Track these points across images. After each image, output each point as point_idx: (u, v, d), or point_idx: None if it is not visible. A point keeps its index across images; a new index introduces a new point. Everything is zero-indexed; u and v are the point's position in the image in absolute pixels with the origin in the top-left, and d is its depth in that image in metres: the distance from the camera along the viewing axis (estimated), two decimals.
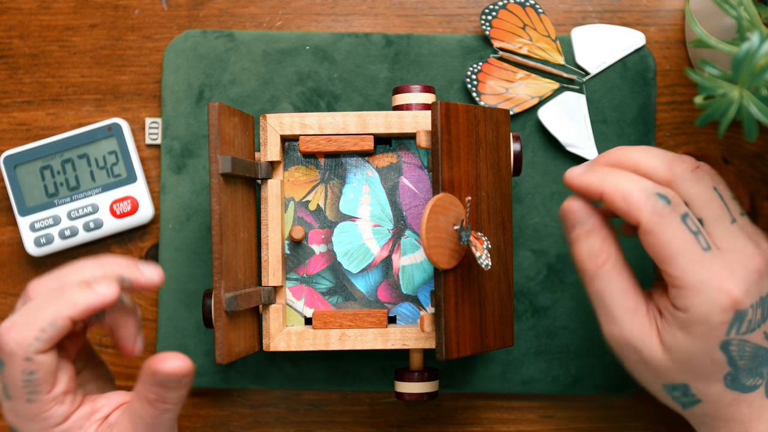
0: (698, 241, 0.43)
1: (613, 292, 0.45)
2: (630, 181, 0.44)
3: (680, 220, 0.43)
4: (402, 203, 0.53)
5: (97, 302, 0.42)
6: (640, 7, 0.58)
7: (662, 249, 0.43)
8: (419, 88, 0.52)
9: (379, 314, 0.51)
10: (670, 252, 0.43)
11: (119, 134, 0.57)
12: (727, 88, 0.40)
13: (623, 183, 0.44)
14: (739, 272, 0.43)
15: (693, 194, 0.44)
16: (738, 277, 0.42)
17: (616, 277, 0.45)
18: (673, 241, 0.43)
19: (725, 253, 0.43)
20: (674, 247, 0.43)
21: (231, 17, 0.59)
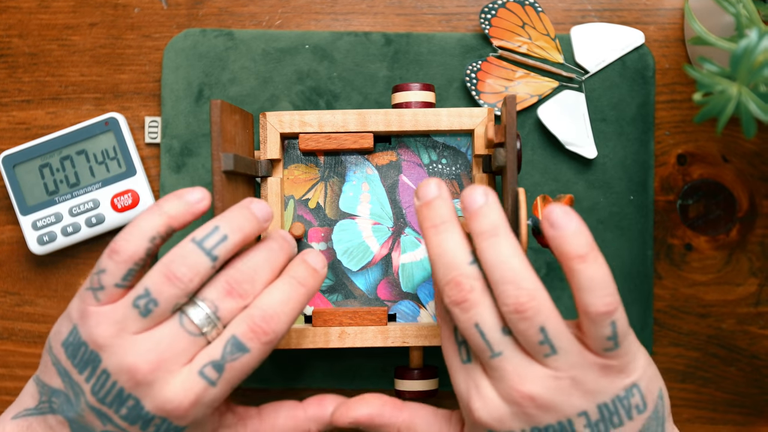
0: (460, 352, 0.44)
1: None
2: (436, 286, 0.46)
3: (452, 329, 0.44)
4: (401, 201, 0.53)
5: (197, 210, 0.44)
6: (639, 6, 0.58)
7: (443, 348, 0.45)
8: (419, 86, 0.52)
9: (378, 312, 0.51)
10: (445, 353, 0.45)
11: (116, 129, 0.57)
12: (725, 85, 0.40)
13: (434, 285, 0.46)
14: (493, 396, 0.42)
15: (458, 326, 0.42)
16: (489, 399, 0.42)
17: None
18: (446, 343, 0.45)
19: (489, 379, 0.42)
20: (446, 350, 0.45)
21: (230, 16, 0.59)
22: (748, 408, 0.58)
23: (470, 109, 0.51)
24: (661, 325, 0.57)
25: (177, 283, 0.42)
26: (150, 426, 0.42)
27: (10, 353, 0.58)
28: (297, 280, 0.44)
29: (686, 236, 0.58)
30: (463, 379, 0.44)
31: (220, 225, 0.43)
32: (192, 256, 0.42)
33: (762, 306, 0.58)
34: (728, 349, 0.58)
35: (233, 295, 0.43)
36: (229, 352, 0.42)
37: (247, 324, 0.42)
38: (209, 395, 0.42)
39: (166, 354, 0.41)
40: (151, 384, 0.41)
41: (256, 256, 0.44)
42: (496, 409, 0.42)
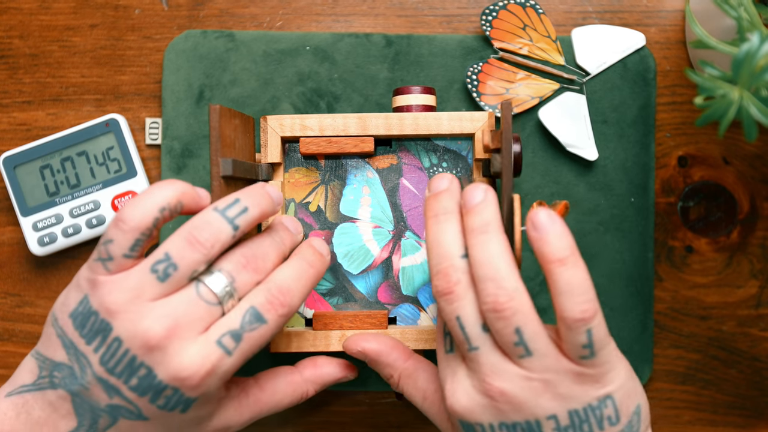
0: (444, 342, 0.45)
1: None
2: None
3: (432, 320, 0.46)
4: (402, 204, 0.53)
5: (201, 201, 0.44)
6: (640, 8, 0.58)
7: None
8: (419, 89, 0.52)
9: (379, 315, 0.51)
10: (436, 341, 0.46)
11: (117, 130, 0.57)
12: (727, 89, 0.40)
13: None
14: (467, 387, 0.43)
15: (442, 316, 0.44)
16: (462, 389, 0.43)
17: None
18: (437, 333, 0.46)
19: (467, 369, 0.43)
20: (437, 341, 0.46)
21: (231, 17, 0.59)
22: (749, 410, 0.58)
23: (471, 113, 0.51)
24: (661, 328, 0.57)
25: (199, 247, 0.42)
26: (160, 397, 0.42)
27: (10, 354, 0.58)
28: (306, 262, 0.46)
29: (687, 238, 0.58)
30: (444, 367, 0.45)
31: (241, 198, 0.43)
32: (215, 223, 0.42)
33: (763, 308, 0.58)
34: (729, 352, 0.58)
35: (248, 268, 0.43)
36: (248, 322, 0.42)
37: (264, 296, 0.43)
38: (224, 365, 0.42)
39: (182, 320, 0.41)
40: (165, 350, 0.41)
41: (265, 240, 0.45)
42: (467, 400, 0.43)
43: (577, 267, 0.41)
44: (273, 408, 0.48)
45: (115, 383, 0.42)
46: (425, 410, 0.48)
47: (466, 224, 0.43)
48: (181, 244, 0.42)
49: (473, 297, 0.42)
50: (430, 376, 0.48)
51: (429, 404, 0.48)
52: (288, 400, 0.49)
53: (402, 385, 0.49)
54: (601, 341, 0.41)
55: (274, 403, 0.48)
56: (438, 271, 0.43)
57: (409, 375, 0.49)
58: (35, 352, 0.45)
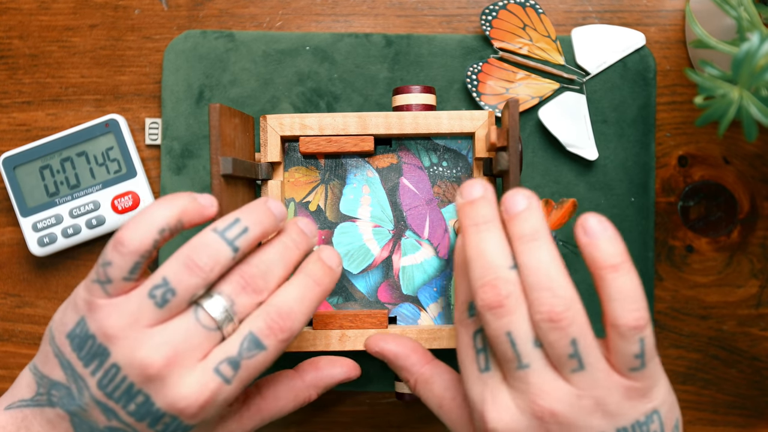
0: (477, 359, 0.42)
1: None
2: (465, 281, 0.44)
3: (472, 335, 0.43)
4: (402, 204, 0.53)
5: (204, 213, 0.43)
6: (640, 7, 0.58)
7: (459, 352, 0.44)
8: (419, 88, 0.52)
9: (379, 315, 0.51)
10: (460, 358, 0.44)
11: (117, 130, 0.57)
12: (726, 89, 0.40)
13: (459, 282, 0.44)
14: (512, 409, 0.41)
15: (487, 330, 0.41)
16: (505, 410, 0.41)
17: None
18: (464, 349, 0.43)
19: (510, 390, 0.41)
20: (463, 355, 0.43)
21: (231, 17, 0.59)
22: (749, 410, 0.58)
23: (471, 112, 0.51)
24: (662, 327, 0.57)
25: (198, 272, 0.40)
26: (159, 424, 0.41)
27: (10, 354, 0.58)
28: (312, 279, 0.44)
29: (687, 238, 0.58)
30: (479, 388, 0.42)
31: (241, 217, 0.42)
32: (214, 245, 0.41)
33: (763, 308, 0.58)
34: (729, 351, 0.57)
35: (248, 290, 0.42)
36: (246, 349, 0.41)
37: (263, 320, 0.41)
38: (223, 393, 0.41)
39: (180, 348, 0.40)
40: (164, 380, 0.40)
41: (270, 253, 0.43)
42: (513, 422, 0.41)
43: (630, 274, 0.40)
44: (275, 415, 0.47)
45: (113, 407, 0.41)
46: (442, 418, 0.47)
47: (513, 232, 0.41)
48: (179, 268, 0.41)
49: (525, 311, 0.40)
50: (448, 384, 0.47)
51: (446, 412, 0.46)
52: (291, 406, 0.48)
53: (419, 390, 0.48)
54: (651, 352, 0.40)
55: (276, 410, 0.47)
56: (484, 284, 0.40)
57: (426, 380, 0.47)
58: (33, 366, 0.44)
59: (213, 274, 0.41)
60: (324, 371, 0.49)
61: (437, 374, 0.47)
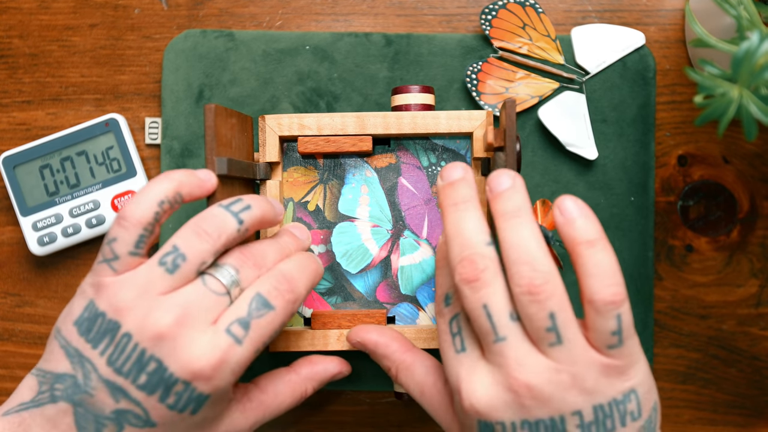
0: (453, 342, 0.43)
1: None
2: (443, 275, 0.45)
3: (448, 321, 0.44)
4: (401, 204, 0.53)
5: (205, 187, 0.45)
6: (639, 7, 0.58)
7: (438, 341, 0.45)
8: (418, 88, 0.52)
9: (377, 314, 0.51)
10: (440, 346, 0.45)
11: (117, 129, 0.57)
12: (726, 88, 0.40)
13: (439, 276, 0.45)
14: (488, 384, 0.41)
15: (466, 305, 0.42)
16: (480, 384, 0.41)
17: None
18: (441, 336, 0.44)
19: (488, 365, 0.42)
20: (441, 342, 0.44)
21: (231, 17, 0.59)
22: (749, 409, 0.57)
23: (469, 112, 0.51)
24: (661, 327, 0.57)
25: (206, 237, 0.42)
26: (170, 394, 0.41)
27: (10, 354, 0.58)
28: (306, 257, 0.46)
29: (687, 237, 0.57)
30: (456, 367, 0.43)
31: (243, 197, 0.44)
32: (221, 216, 0.43)
33: (762, 307, 0.57)
34: (729, 351, 0.57)
35: (248, 263, 0.43)
36: (255, 309, 0.42)
37: (270, 282, 0.43)
38: (235, 354, 0.41)
39: (191, 310, 0.41)
40: (176, 341, 0.41)
41: (265, 243, 0.45)
42: (489, 396, 0.41)
43: (605, 250, 0.40)
44: (276, 410, 0.48)
45: (122, 384, 0.41)
46: (423, 404, 0.47)
47: (496, 209, 0.42)
48: (189, 235, 0.42)
49: (502, 285, 0.41)
50: (428, 370, 0.47)
51: (427, 399, 0.47)
52: (289, 400, 0.49)
53: (400, 378, 0.48)
54: (629, 329, 0.41)
55: (276, 404, 0.48)
56: (462, 258, 0.41)
57: (407, 368, 0.48)
58: (36, 369, 0.44)
59: (221, 241, 0.42)
60: (319, 365, 0.50)
61: (418, 361, 0.48)
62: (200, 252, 0.42)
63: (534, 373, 0.40)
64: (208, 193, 0.45)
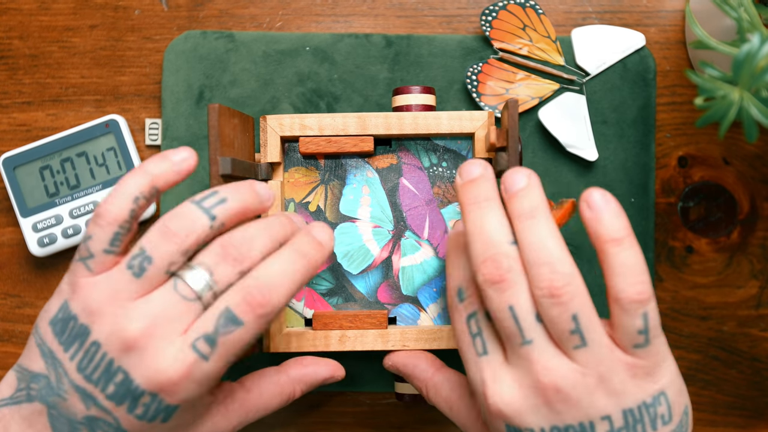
0: (474, 344, 0.42)
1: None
2: (455, 267, 0.44)
3: (465, 320, 0.43)
4: (402, 204, 0.53)
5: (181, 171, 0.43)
6: (640, 8, 0.58)
7: (456, 339, 0.44)
8: (419, 89, 0.52)
9: (379, 315, 0.51)
10: (458, 345, 0.44)
11: (117, 131, 0.57)
12: (727, 90, 0.40)
13: (451, 268, 0.44)
14: (515, 387, 0.40)
15: (490, 306, 0.41)
16: (506, 388, 0.40)
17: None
18: (460, 335, 0.43)
19: (511, 369, 0.41)
20: (460, 342, 0.43)
21: (231, 18, 0.59)
22: (749, 410, 0.58)
23: (470, 113, 0.51)
24: (662, 328, 0.57)
25: (173, 238, 0.40)
26: (138, 405, 0.40)
27: (10, 355, 0.58)
28: (299, 252, 0.42)
29: (687, 238, 0.57)
30: (479, 372, 0.42)
31: (219, 190, 0.42)
32: (190, 214, 0.41)
33: (763, 308, 0.57)
34: (729, 352, 0.57)
35: (227, 259, 0.41)
36: (221, 325, 0.39)
37: (241, 295, 0.40)
38: (202, 370, 0.40)
39: (159, 319, 0.39)
40: (143, 351, 0.39)
41: (252, 226, 0.42)
42: (515, 401, 0.40)
43: (633, 248, 0.40)
44: (261, 410, 0.47)
45: (91, 391, 0.40)
46: (453, 418, 0.46)
47: (512, 210, 0.41)
48: (155, 236, 0.40)
49: (526, 286, 0.40)
50: (453, 386, 0.47)
51: (455, 413, 0.46)
52: (276, 401, 0.47)
53: (430, 396, 0.48)
54: (656, 328, 0.40)
55: (261, 404, 0.47)
56: (486, 259, 0.40)
57: (435, 386, 0.48)
58: (17, 364, 0.43)
59: (188, 240, 0.40)
60: (309, 368, 0.49)
61: (445, 379, 0.48)
62: (166, 253, 0.40)
63: (561, 377, 0.39)
64: (187, 174, 0.42)
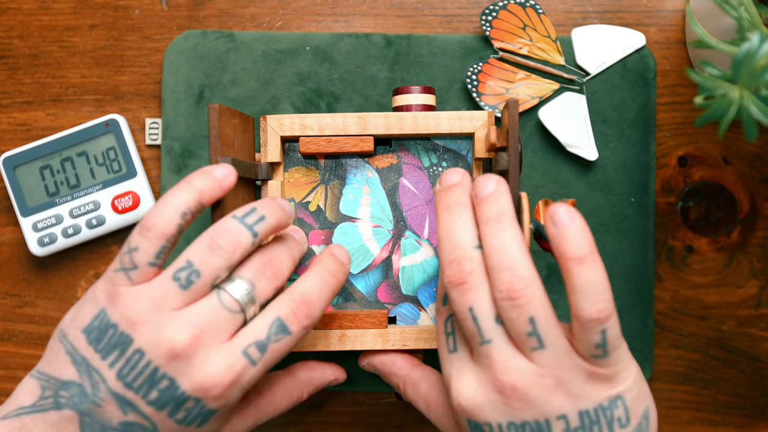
0: (447, 342, 0.44)
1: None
2: (440, 280, 0.45)
3: (444, 321, 0.45)
4: (402, 204, 0.53)
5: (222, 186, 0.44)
6: (640, 8, 0.58)
7: (437, 340, 0.46)
8: (419, 88, 0.52)
9: (379, 315, 0.51)
10: (437, 344, 0.46)
11: (117, 130, 0.57)
12: (727, 89, 0.40)
13: (441, 274, 0.45)
14: (475, 384, 0.42)
15: (453, 306, 0.42)
16: (468, 385, 0.42)
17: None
18: (438, 335, 0.45)
19: (476, 366, 0.42)
20: (438, 341, 0.45)
21: (231, 17, 0.59)
22: (749, 410, 0.58)
23: (470, 113, 0.51)
24: (661, 327, 0.57)
25: (221, 253, 0.42)
26: (180, 410, 0.41)
27: (10, 354, 0.58)
28: (328, 271, 0.46)
29: (687, 238, 0.57)
30: (448, 367, 0.44)
31: (258, 207, 0.44)
32: (235, 230, 0.42)
33: (763, 308, 0.57)
34: (729, 351, 0.57)
35: (267, 275, 0.43)
36: (273, 333, 0.42)
37: (290, 306, 0.43)
38: (248, 375, 0.42)
39: (206, 328, 0.41)
40: (191, 359, 0.41)
41: (278, 247, 0.45)
42: (475, 396, 0.42)
43: (595, 266, 0.40)
44: (272, 413, 0.49)
45: (132, 398, 0.41)
46: (430, 417, 0.48)
47: (479, 214, 0.42)
48: (204, 250, 0.42)
49: (487, 288, 0.41)
50: (432, 383, 0.48)
51: (433, 410, 0.47)
52: (285, 404, 0.49)
53: (408, 394, 0.49)
54: (615, 341, 0.41)
55: (272, 407, 0.48)
56: (450, 261, 0.42)
57: (413, 383, 0.49)
58: (36, 371, 0.44)
59: (235, 256, 0.42)
60: (317, 371, 0.51)
61: (423, 376, 0.49)
62: (215, 268, 0.42)
63: (519, 377, 0.41)
64: (227, 190, 0.44)
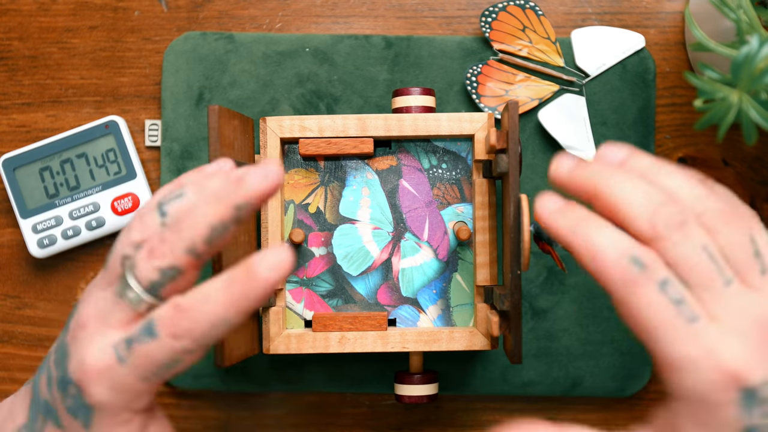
0: (681, 312, 0.35)
1: None
2: (601, 234, 0.37)
3: (657, 288, 0.35)
4: (402, 206, 0.53)
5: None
6: (639, 9, 0.58)
7: (639, 323, 0.36)
8: (419, 90, 0.52)
9: (378, 317, 0.51)
10: (648, 326, 0.36)
11: (116, 132, 0.57)
12: (726, 92, 0.40)
13: (593, 236, 0.37)
14: (738, 341, 0.35)
15: (677, 256, 0.36)
16: (736, 347, 0.35)
17: None
18: (651, 313, 0.36)
19: (721, 322, 0.35)
20: (652, 320, 0.36)
21: (231, 19, 0.59)
22: None
23: (470, 114, 0.51)
24: None
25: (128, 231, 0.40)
26: (67, 396, 0.39)
27: (10, 356, 0.58)
28: (230, 280, 0.37)
29: None
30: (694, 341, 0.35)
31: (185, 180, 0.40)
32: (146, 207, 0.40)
33: None
34: None
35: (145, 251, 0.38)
36: (139, 333, 0.38)
37: (167, 310, 0.38)
38: (117, 373, 0.38)
39: (102, 310, 0.39)
40: (80, 339, 0.39)
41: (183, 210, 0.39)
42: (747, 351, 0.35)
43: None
44: None
45: (53, 374, 0.41)
46: None
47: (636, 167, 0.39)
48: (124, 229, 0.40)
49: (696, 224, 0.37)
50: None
51: None
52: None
53: None
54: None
55: None
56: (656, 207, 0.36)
57: None
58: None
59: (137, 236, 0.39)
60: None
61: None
62: (121, 247, 0.40)
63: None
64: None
